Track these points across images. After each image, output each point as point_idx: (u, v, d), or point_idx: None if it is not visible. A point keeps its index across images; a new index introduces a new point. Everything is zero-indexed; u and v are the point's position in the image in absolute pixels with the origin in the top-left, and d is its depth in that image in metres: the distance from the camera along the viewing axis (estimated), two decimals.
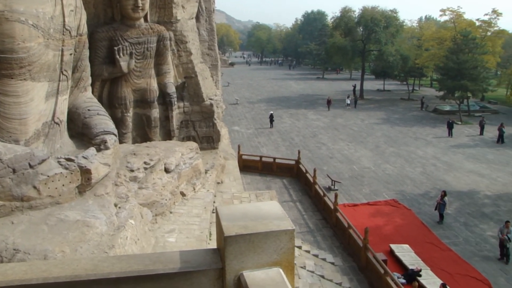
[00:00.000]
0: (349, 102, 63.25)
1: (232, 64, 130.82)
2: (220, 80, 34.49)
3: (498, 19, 64.40)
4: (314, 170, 28.77)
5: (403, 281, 19.11)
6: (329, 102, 60.68)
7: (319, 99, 69.12)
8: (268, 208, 3.88)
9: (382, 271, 18.38)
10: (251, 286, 3.29)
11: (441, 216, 26.08)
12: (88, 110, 14.24)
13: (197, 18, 28.52)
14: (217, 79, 32.48)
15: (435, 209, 26.35)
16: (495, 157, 39.92)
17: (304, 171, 30.65)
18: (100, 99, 19.03)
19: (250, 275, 3.47)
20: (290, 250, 3.55)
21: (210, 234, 16.91)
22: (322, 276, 18.90)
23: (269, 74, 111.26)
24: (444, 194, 26.10)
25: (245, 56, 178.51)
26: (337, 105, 63.75)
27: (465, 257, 22.16)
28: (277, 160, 33.21)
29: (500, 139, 45.28)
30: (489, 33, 66.21)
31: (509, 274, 20.95)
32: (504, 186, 32.35)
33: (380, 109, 62.99)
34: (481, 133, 48.54)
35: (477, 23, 65.13)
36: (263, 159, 33.55)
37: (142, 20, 20.76)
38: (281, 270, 3.55)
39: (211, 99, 25.04)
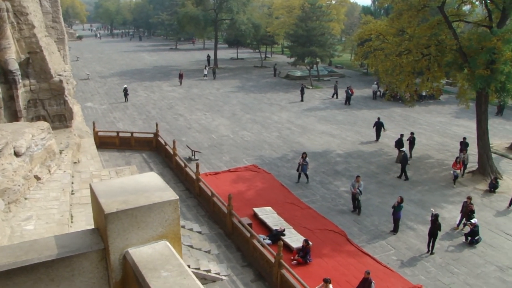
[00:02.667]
0: (206, 72, 63.08)
1: (80, 38, 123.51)
2: (68, 54, 32.59)
3: None
4: (174, 142, 28.62)
5: (269, 241, 19.93)
6: (181, 76, 59.05)
7: (173, 70, 68.37)
8: (147, 180, 3.72)
9: (248, 235, 18.99)
10: (139, 263, 3.15)
11: (306, 176, 27.61)
12: None
13: None
14: (65, 53, 30.66)
15: (297, 170, 27.65)
16: (343, 118, 42.94)
17: (164, 143, 30.35)
18: None
19: (136, 252, 3.32)
20: (175, 221, 3.45)
21: (72, 217, 16.15)
22: (191, 246, 19.07)
23: (120, 46, 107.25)
24: (305, 155, 27.46)
25: (93, 28, 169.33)
26: (192, 76, 63.63)
27: (323, 213, 23.76)
28: (135, 135, 32.41)
29: (347, 101, 48.71)
30: (333, 2, 70.28)
31: (361, 224, 22.90)
32: (352, 145, 35.02)
33: (234, 77, 64.09)
34: (336, 96, 51.67)
35: None
36: (120, 134, 32.53)
37: None
38: (168, 243, 3.44)
39: (60, 75, 23.60)
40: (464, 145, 30.64)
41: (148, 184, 3.62)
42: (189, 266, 16.56)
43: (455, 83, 34.33)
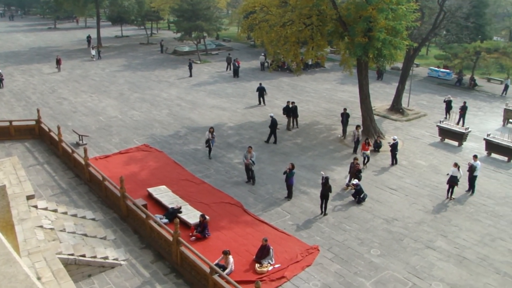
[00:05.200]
0: (94, 53, 59.45)
1: None
2: None
3: None
4: (58, 128, 27.04)
5: (166, 220, 19.76)
6: (58, 62, 52.84)
7: (53, 51, 64.17)
8: None
9: (144, 216, 18.61)
10: None
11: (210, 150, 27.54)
12: None
13: None
14: None
15: (207, 146, 27.45)
16: (233, 91, 43.19)
17: (47, 130, 28.60)
18: None
19: None
20: (4, 208, 3.17)
21: None
22: (85, 234, 18.33)
23: None
24: (213, 130, 27.38)
25: None
26: (75, 56, 60.44)
27: (218, 186, 23.89)
28: (14, 123, 30.06)
29: (236, 73, 48.94)
30: None
31: (256, 193, 23.33)
32: (243, 116, 35.38)
33: (120, 56, 61.78)
34: (228, 69, 51.61)
35: None
36: None
37: None
38: None
39: None
40: (345, 116, 31.17)
41: None
42: (84, 256, 16.00)
43: (338, 51, 35.64)
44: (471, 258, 18.65)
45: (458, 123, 34.19)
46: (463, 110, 35.41)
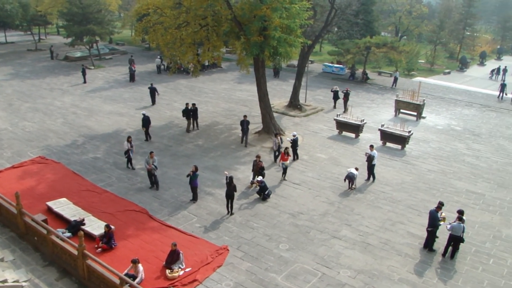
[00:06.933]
0: None
1: None
2: None
3: None
4: None
5: (69, 234, 18.95)
6: None
7: None
8: None
9: (45, 232, 17.79)
10: None
11: (130, 160, 26.67)
12: None
13: None
14: None
15: (126, 156, 26.49)
16: (130, 95, 42.26)
17: None
18: None
19: None
20: None
21: None
22: None
23: None
24: (131, 138, 26.44)
25: None
26: None
27: (121, 194, 23.30)
28: None
29: (132, 78, 47.86)
30: None
31: (161, 198, 23.02)
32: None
33: (6, 63, 57.91)
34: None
35: None
36: None
37: None
38: None
39: None
40: (246, 123, 30.37)
41: None
42: None
43: (234, 51, 36.03)
44: (375, 243, 19.69)
45: (345, 111, 37.26)
46: (346, 97, 38.74)
